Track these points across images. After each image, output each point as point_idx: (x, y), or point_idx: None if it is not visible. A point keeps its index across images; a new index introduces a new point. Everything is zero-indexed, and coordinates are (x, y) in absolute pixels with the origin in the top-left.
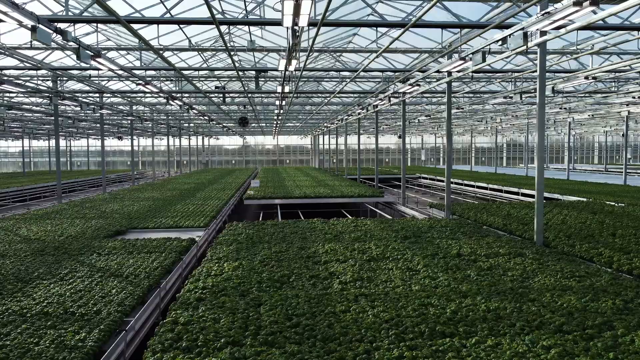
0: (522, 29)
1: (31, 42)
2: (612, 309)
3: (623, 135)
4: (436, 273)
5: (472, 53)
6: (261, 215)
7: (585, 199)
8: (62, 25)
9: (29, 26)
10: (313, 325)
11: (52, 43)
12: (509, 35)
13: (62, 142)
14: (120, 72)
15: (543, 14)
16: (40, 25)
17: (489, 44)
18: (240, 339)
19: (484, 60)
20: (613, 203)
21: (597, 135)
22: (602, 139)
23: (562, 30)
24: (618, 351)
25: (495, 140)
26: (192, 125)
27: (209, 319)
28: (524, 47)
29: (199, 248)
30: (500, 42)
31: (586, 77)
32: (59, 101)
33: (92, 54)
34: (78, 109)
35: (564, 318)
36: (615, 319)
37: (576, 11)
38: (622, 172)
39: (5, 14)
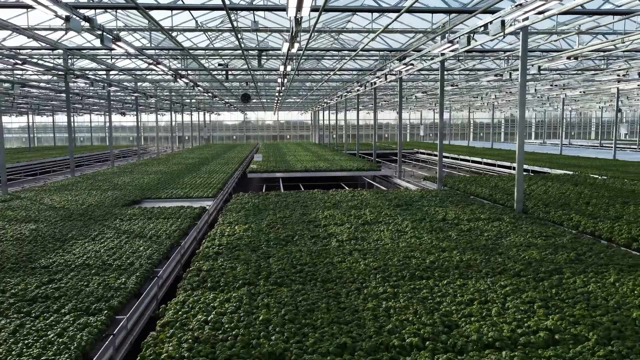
0: (500, 17)
1: (56, 26)
2: (566, 260)
3: (619, 110)
4: (421, 234)
5: (459, 37)
6: (264, 187)
7: (571, 172)
8: (87, 12)
9: (64, 16)
10: (314, 272)
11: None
12: (489, 22)
13: (65, 118)
14: (132, 51)
15: (516, 6)
16: (73, 15)
17: (473, 30)
18: (254, 280)
19: (469, 43)
20: (597, 176)
21: (594, 112)
22: (599, 115)
23: (540, 17)
24: (560, 289)
25: (492, 116)
26: (194, 101)
27: (227, 267)
28: (502, 33)
29: (210, 215)
30: (482, 28)
31: (569, 57)
32: (73, 79)
33: (112, 37)
34: (84, 85)
35: (523, 266)
36: (566, 267)
37: (542, 4)
38: (617, 147)
39: (46, 7)
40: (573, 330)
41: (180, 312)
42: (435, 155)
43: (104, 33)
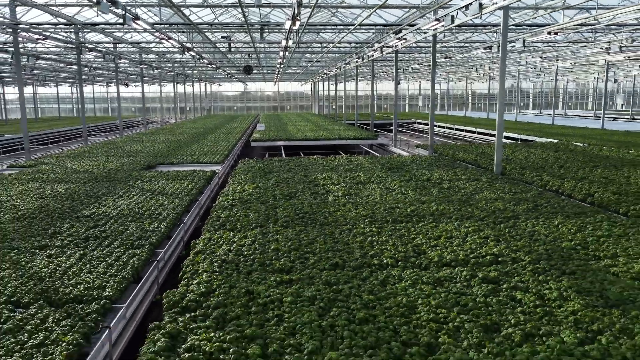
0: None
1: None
2: (524, 209)
3: (615, 81)
4: (407, 191)
5: (444, 16)
6: (266, 155)
7: (556, 141)
8: None
9: (94, 0)
10: (314, 218)
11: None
12: (469, 4)
13: (68, 89)
14: (147, 27)
15: None
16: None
17: (455, 10)
18: (265, 224)
19: (452, 22)
20: (579, 144)
21: (591, 82)
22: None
23: None
24: (512, 229)
25: (488, 87)
26: (195, 72)
27: (241, 215)
28: (479, 14)
29: (220, 177)
30: (464, 9)
31: (549, 33)
32: (88, 51)
33: (132, 17)
34: (91, 58)
35: (487, 214)
36: (522, 214)
37: None
38: (609, 117)
39: None
40: (513, 255)
41: (208, 244)
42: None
43: (126, 13)
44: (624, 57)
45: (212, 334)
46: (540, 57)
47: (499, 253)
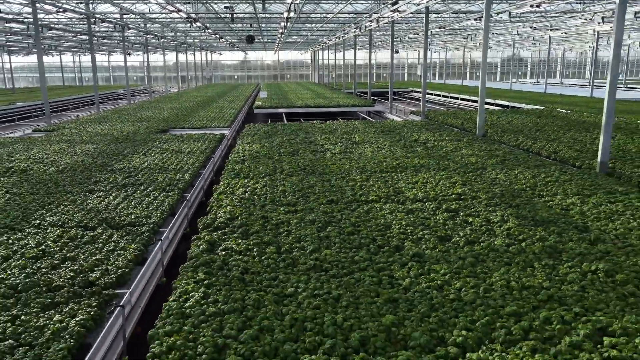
0: None
1: None
2: (493, 163)
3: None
4: (395, 149)
5: None
6: (269, 122)
7: (542, 107)
8: None
9: None
10: (314, 169)
11: None
12: None
13: (71, 58)
14: (161, 1)
15: None
16: None
17: None
18: (273, 174)
19: None
20: (564, 111)
21: (588, 51)
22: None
23: None
24: (478, 177)
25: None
26: (197, 41)
27: (252, 167)
28: None
29: (228, 140)
30: None
31: (531, 5)
32: (99, 22)
33: None
34: (96, 27)
35: (460, 166)
36: (490, 167)
37: None
38: (603, 86)
39: None
40: (473, 194)
41: (227, 188)
42: (429, 94)
43: None
44: (610, 28)
45: (239, 241)
46: (531, 27)
47: (462, 193)
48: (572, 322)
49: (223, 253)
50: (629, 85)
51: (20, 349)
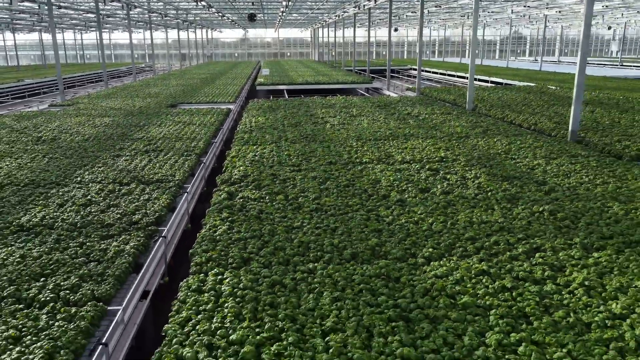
0: None
1: None
2: (476, 132)
3: (609, 28)
4: (389, 121)
5: None
6: (271, 98)
7: (533, 84)
8: None
9: None
10: (314, 137)
11: None
12: None
13: (72, 36)
14: None
15: None
16: None
17: None
18: (278, 141)
19: None
20: (553, 87)
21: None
22: (592, 33)
23: None
24: (460, 143)
25: (483, 34)
26: (197, 19)
27: (259, 136)
28: None
29: (234, 114)
30: None
31: None
32: (109, 1)
33: None
34: (102, 5)
35: (447, 135)
36: (473, 135)
37: None
38: (599, 64)
39: None
40: (454, 157)
41: (239, 152)
42: (427, 71)
43: None
44: (602, 7)
45: (253, 192)
46: (525, 6)
47: (445, 156)
48: (515, 244)
49: (241, 200)
50: (624, 64)
51: (91, 263)
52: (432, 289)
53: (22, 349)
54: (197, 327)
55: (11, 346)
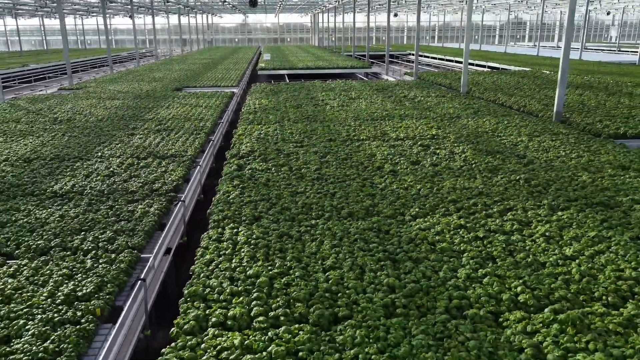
0: None
1: None
2: (467, 113)
3: (608, 13)
4: (386, 104)
5: None
6: (272, 82)
7: (529, 69)
8: None
9: None
10: (315, 118)
11: None
12: None
13: (72, 21)
14: None
15: None
16: None
17: None
18: (281, 121)
19: None
20: (547, 72)
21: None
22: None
23: None
24: (451, 123)
25: (481, 19)
26: (198, 4)
27: (263, 116)
28: None
29: (238, 97)
30: None
31: None
32: None
33: None
34: None
35: (439, 116)
36: (464, 115)
37: None
38: (597, 49)
39: None
40: (444, 135)
41: (244, 131)
42: (425, 57)
43: None
44: None
45: (260, 164)
46: None
47: (436, 134)
48: (491, 205)
49: (249, 171)
50: (622, 49)
51: (122, 222)
52: (416, 238)
53: (76, 283)
54: (219, 266)
55: (66, 281)
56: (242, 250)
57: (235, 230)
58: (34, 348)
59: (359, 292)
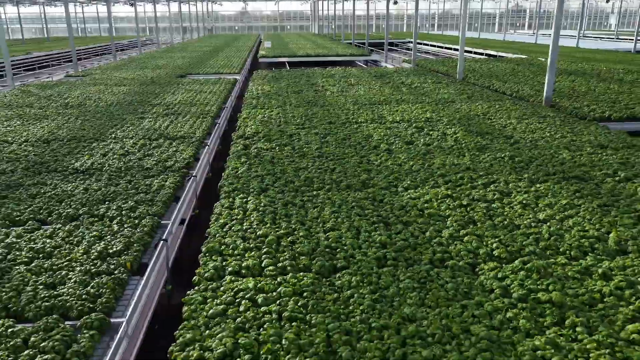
0: None
1: None
2: (461, 98)
3: (607, 1)
4: (384, 89)
5: None
6: (272, 69)
7: (525, 56)
8: None
9: None
10: (316, 102)
11: None
12: None
13: (72, 9)
14: None
15: None
16: None
17: None
18: (283, 106)
19: None
20: (543, 59)
21: (587, 3)
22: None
23: None
24: (446, 107)
25: (481, 7)
26: None
27: (266, 101)
28: None
29: (240, 83)
30: None
31: None
32: None
33: None
34: None
35: (434, 100)
36: (458, 100)
37: None
38: (596, 37)
39: None
40: (438, 118)
41: (248, 115)
42: (425, 44)
43: None
44: None
45: (265, 143)
46: None
47: (430, 117)
48: (476, 179)
49: (255, 150)
50: (620, 37)
51: (141, 195)
52: (407, 205)
53: (106, 243)
54: (232, 228)
55: (97, 241)
56: (252, 215)
57: (245, 199)
58: (77, 292)
59: (355, 248)
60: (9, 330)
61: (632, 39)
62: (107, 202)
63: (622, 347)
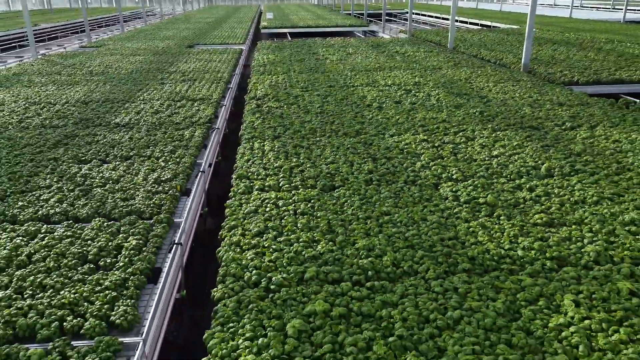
0: None
1: None
2: (448, 65)
3: None
4: (379, 58)
5: None
6: (274, 40)
7: (517, 27)
8: None
9: None
10: (317, 69)
11: None
12: None
13: None
14: None
15: None
16: None
17: None
18: (288, 72)
19: None
20: (535, 30)
21: None
22: None
23: None
24: (433, 73)
25: None
26: None
27: (272, 68)
28: None
29: (245, 52)
30: None
31: None
32: None
33: None
34: None
35: (423, 67)
36: (445, 67)
37: None
38: (593, 7)
39: None
40: (424, 82)
41: (257, 80)
42: (422, 15)
43: None
44: None
45: (274, 103)
46: None
47: (418, 82)
48: (449, 129)
49: (266, 108)
50: (616, 7)
51: (176, 142)
52: (390, 146)
53: (158, 174)
54: (254, 162)
55: (151, 172)
56: (269, 154)
57: (262, 144)
58: (145, 202)
59: (349, 174)
60: (105, 224)
61: (629, 9)
62: (150, 147)
63: (528, 228)
